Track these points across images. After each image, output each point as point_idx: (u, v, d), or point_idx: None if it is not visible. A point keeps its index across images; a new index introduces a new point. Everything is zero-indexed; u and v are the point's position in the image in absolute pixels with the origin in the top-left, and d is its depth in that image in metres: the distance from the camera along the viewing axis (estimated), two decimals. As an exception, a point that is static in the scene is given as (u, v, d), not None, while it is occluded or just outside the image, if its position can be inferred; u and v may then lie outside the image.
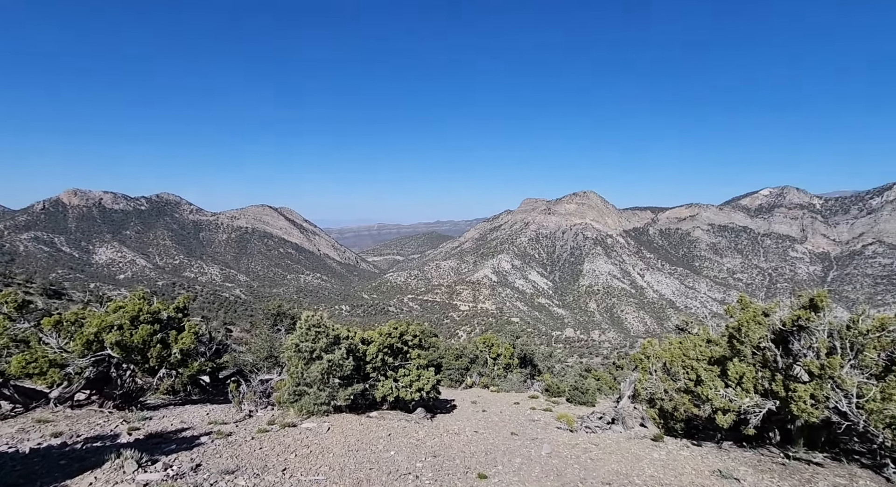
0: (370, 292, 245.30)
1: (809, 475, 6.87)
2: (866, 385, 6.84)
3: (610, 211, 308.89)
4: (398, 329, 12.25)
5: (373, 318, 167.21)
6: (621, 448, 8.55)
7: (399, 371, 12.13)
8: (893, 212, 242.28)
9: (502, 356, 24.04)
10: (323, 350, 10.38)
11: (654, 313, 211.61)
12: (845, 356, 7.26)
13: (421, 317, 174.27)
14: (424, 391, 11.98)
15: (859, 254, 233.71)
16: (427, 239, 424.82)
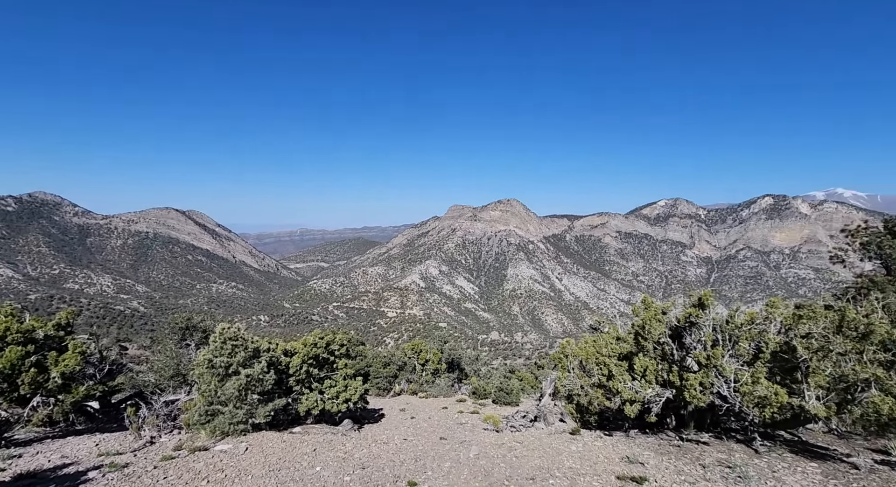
0: (292, 301, 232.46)
1: (698, 453, 7.82)
2: (740, 371, 7.98)
3: (531, 218, 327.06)
4: (324, 338, 11.78)
5: (295, 328, 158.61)
6: (543, 443, 9.03)
7: (325, 382, 11.66)
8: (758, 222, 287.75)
9: (430, 361, 24.16)
10: (241, 364, 9.64)
11: (571, 314, 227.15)
12: (725, 347, 8.41)
13: (347, 326, 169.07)
14: (352, 401, 11.64)
15: (734, 258, 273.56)
16: (354, 244, 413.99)
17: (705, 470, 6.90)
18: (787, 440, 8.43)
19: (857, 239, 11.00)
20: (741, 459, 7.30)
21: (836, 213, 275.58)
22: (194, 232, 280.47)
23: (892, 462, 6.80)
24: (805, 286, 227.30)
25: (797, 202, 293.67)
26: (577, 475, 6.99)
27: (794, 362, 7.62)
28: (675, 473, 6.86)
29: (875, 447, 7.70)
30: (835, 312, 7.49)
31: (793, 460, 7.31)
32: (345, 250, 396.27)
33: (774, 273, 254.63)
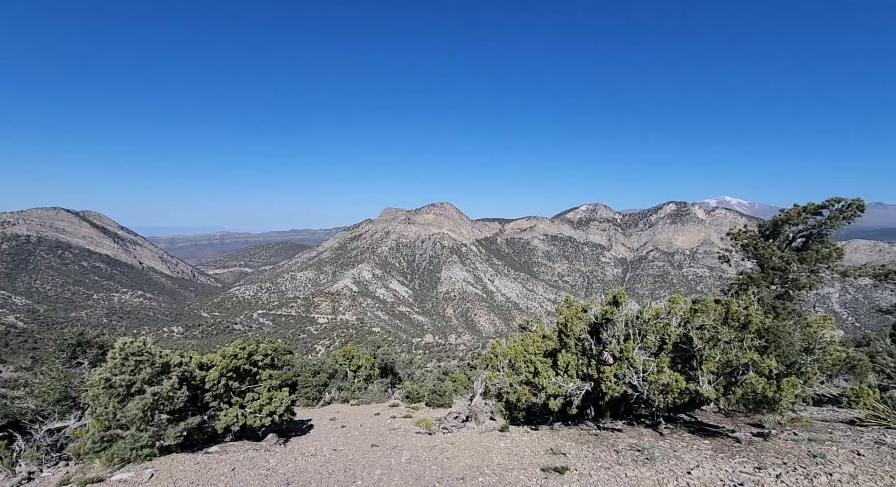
0: (211, 309, 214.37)
1: (613, 440, 8.48)
2: (648, 362, 8.79)
3: (464, 221, 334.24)
4: (246, 349, 11.01)
5: (214, 339, 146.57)
6: (474, 442, 9.22)
7: (247, 395, 10.90)
8: (664, 226, 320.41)
9: (363, 367, 23.62)
10: (146, 381, 8.68)
11: (503, 315, 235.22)
12: (636, 340, 9.22)
13: (274, 334, 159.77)
14: (277, 414, 11.00)
15: (644, 259, 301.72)
16: (281, 248, 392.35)
17: (619, 455, 7.49)
18: (686, 421, 9.44)
19: (739, 241, 12.77)
20: (648, 442, 8.03)
21: (724, 219, 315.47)
22: (91, 235, 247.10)
23: (766, 433, 7.89)
24: (702, 283, 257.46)
25: (695, 208, 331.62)
26: (505, 470, 7.23)
27: (691, 351, 8.57)
28: (593, 460, 7.36)
29: (753, 422, 8.89)
30: (722, 306, 8.56)
31: (690, 439, 8.19)
32: (271, 254, 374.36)
33: (678, 271, 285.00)
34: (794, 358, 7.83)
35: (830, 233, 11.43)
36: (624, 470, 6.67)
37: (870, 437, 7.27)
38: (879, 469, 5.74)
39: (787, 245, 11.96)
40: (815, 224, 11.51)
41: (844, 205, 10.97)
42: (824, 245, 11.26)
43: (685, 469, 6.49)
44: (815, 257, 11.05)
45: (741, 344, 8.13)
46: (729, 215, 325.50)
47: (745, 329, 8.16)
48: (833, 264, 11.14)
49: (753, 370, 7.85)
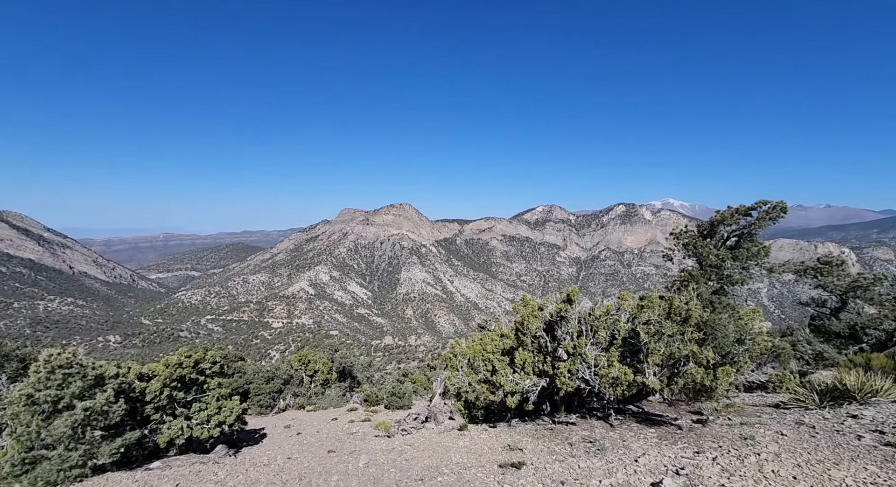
0: (153, 316, 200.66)
1: (568, 433, 8.78)
2: (599, 356, 9.17)
3: (424, 222, 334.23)
4: (192, 357, 10.41)
5: (157, 348, 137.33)
6: (433, 443, 9.23)
7: (193, 406, 10.31)
8: (615, 226, 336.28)
9: (320, 372, 23.01)
10: (76, 396, 7.99)
11: (462, 315, 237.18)
12: (588, 337, 9.59)
13: (224, 340, 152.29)
14: (227, 424, 10.50)
15: (597, 258, 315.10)
16: (232, 250, 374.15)
17: (573, 448, 7.77)
18: (634, 412, 9.93)
19: (681, 240, 13.69)
20: (600, 433, 8.38)
21: (669, 219, 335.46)
22: (10, 237, 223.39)
23: (704, 419, 8.46)
24: (649, 280, 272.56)
25: (642, 210, 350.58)
26: (463, 469, 7.29)
27: (639, 345, 9.03)
28: (548, 453, 7.58)
29: (693, 409, 9.51)
30: (665, 301, 9.09)
31: (638, 429, 8.64)
32: (220, 257, 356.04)
33: (627, 270, 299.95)
34: (728, 348, 8.46)
35: (759, 232, 12.55)
36: (577, 462, 6.92)
37: (792, 418, 7.99)
38: (798, 446, 6.32)
39: (722, 244, 12.98)
40: (746, 224, 12.60)
41: (770, 206, 12.06)
42: (754, 243, 12.33)
43: (633, 457, 6.83)
44: (746, 255, 12.09)
45: (682, 337, 8.68)
46: (673, 216, 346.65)
47: (686, 323, 8.72)
48: (761, 261, 12.23)
49: (693, 361, 8.40)
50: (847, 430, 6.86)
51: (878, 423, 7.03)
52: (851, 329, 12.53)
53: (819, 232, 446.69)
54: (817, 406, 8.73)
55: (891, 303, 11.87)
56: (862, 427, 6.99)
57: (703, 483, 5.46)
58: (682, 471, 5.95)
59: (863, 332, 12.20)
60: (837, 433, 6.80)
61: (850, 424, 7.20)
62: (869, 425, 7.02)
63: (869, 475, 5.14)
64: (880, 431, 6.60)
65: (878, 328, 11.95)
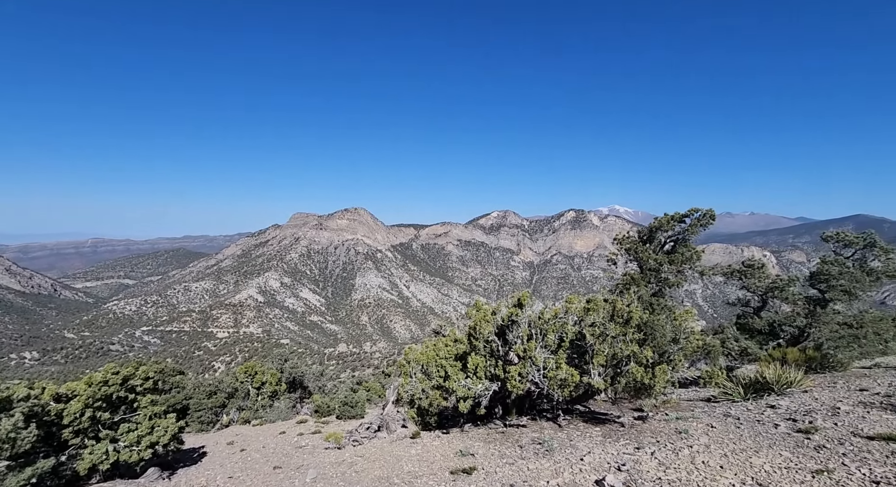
0: (79, 329, 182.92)
1: (518, 436, 8.93)
2: (548, 359, 9.43)
3: (379, 227, 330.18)
4: (120, 373, 9.57)
5: (84, 364, 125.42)
6: (384, 452, 9.06)
7: (121, 427, 9.47)
8: (566, 231, 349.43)
9: (268, 384, 21.97)
10: (-24, 423, 7.08)
11: (418, 320, 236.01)
12: (538, 340, 9.84)
13: (162, 353, 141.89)
14: (160, 445, 9.73)
15: (549, 262, 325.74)
16: (172, 257, 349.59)
17: (522, 450, 7.91)
18: (581, 412, 10.30)
19: (623, 246, 14.50)
20: (549, 434, 8.61)
21: (615, 225, 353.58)
22: None
23: (645, 416, 8.93)
24: (597, 283, 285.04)
25: (591, 215, 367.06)
26: (414, 477, 7.20)
27: (584, 347, 9.39)
28: (499, 457, 7.67)
29: (635, 406, 10.01)
30: (609, 304, 9.53)
31: (584, 428, 8.95)
32: (159, 263, 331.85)
33: (577, 273, 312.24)
34: (665, 348, 9.00)
35: (692, 237, 13.58)
36: (526, 464, 7.05)
37: (720, 411, 8.62)
38: (725, 437, 6.82)
39: (660, 248, 13.90)
40: (681, 230, 13.60)
41: (701, 214, 13.11)
42: (688, 248, 13.33)
43: (579, 456, 7.06)
44: (680, 259, 13.03)
45: (625, 338, 9.12)
46: (618, 222, 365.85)
47: (628, 324, 9.18)
48: (694, 265, 13.23)
49: (634, 361, 8.84)
50: (766, 420, 7.50)
51: (792, 412, 7.74)
52: (771, 326, 13.78)
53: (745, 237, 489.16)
54: (742, 398, 9.48)
55: (802, 302, 13.22)
56: (779, 416, 7.67)
57: (642, 477, 5.74)
58: (624, 467, 6.23)
59: (780, 329, 13.46)
60: (758, 423, 7.40)
61: (769, 414, 7.87)
62: (784, 414, 7.71)
63: (783, 460, 5.63)
64: (793, 419, 7.27)
65: (793, 324, 13.25)
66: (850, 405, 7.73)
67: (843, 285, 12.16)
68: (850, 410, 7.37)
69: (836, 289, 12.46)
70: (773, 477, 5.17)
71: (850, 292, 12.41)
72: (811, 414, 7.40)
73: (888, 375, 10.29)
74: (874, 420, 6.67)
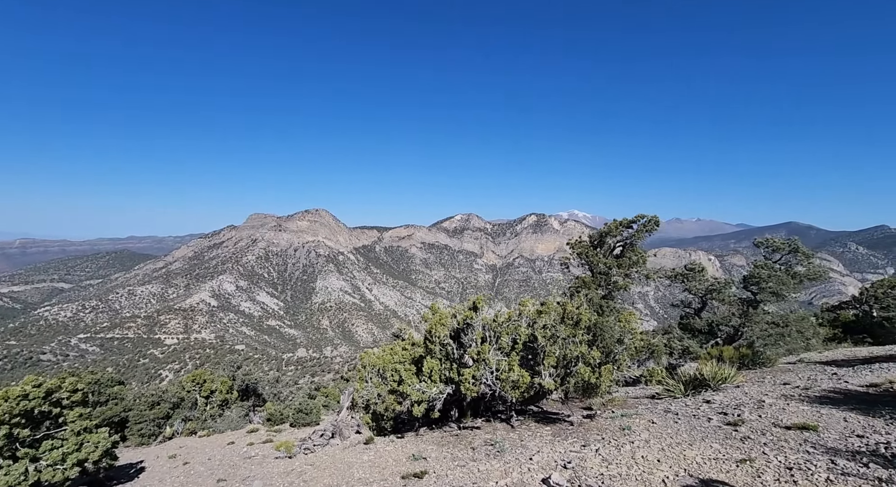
0: (4, 337, 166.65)
1: (472, 438, 9.01)
2: (501, 361, 9.58)
3: (341, 229, 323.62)
4: (42, 386, 8.81)
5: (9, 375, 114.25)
6: (336, 460, 8.86)
7: (44, 444, 8.71)
8: (527, 235, 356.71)
9: (217, 392, 20.96)
10: None
11: (381, 323, 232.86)
12: (492, 342, 9.98)
13: (102, 362, 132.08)
14: (90, 461, 9.03)
15: (511, 265, 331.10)
16: (114, 258, 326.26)
17: (475, 452, 7.98)
18: (534, 412, 10.52)
19: (576, 250, 15.05)
20: (501, 435, 8.73)
21: (574, 229, 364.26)
22: None
23: (593, 414, 9.26)
24: (557, 286, 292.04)
25: (551, 220, 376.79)
26: (365, 485, 7.09)
27: (537, 348, 9.61)
28: (451, 460, 7.70)
29: (585, 405, 10.36)
30: (560, 306, 9.82)
31: (535, 428, 9.16)
32: (99, 266, 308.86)
33: (539, 276, 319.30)
34: (611, 348, 9.38)
35: (639, 242, 14.31)
36: (477, 466, 7.12)
37: (662, 407, 9.08)
38: (664, 432, 7.20)
39: (609, 253, 14.54)
40: (628, 235, 14.30)
41: (647, 220, 13.84)
42: (635, 253, 14.03)
43: (528, 455, 7.21)
44: (628, 263, 13.69)
45: (574, 340, 9.43)
46: (577, 226, 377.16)
47: (578, 326, 9.50)
48: (641, 268, 13.94)
49: (583, 361, 9.16)
50: (701, 414, 7.97)
51: (724, 406, 8.28)
52: (710, 326, 14.72)
53: (692, 241, 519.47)
54: (683, 395, 10.04)
55: (737, 303, 14.23)
56: (712, 410, 8.17)
57: (586, 473, 5.94)
58: (570, 465, 6.42)
59: (718, 328, 14.41)
60: (694, 417, 7.86)
61: (705, 409, 8.38)
62: (717, 408, 8.24)
63: (713, 451, 6.01)
64: (724, 412, 7.78)
65: (729, 324, 14.23)
66: (774, 398, 8.37)
67: (772, 287, 13.18)
68: (773, 403, 7.98)
69: (765, 291, 13.49)
70: (704, 468, 5.50)
71: (777, 293, 13.48)
72: (740, 408, 7.94)
73: (808, 370, 11.23)
74: (792, 412, 7.26)
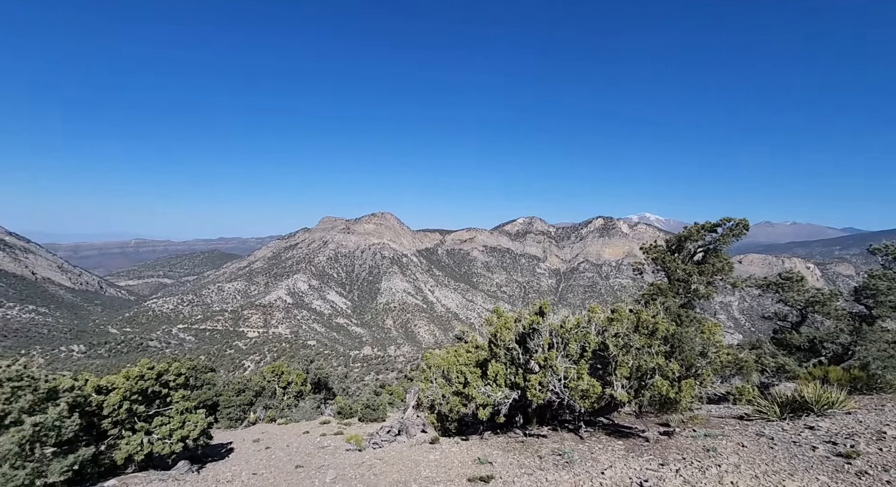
0: (121, 325, 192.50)
1: (538, 446, 8.80)
2: (569, 369, 9.26)
3: (405, 232, 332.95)
4: (155, 368, 10.05)
5: (125, 358, 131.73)
6: (403, 456, 9.11)
7: (155, 420, 9.92)
8: (593, 239, 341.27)
9: (293, 384, 22.49)
10: (26, 411, 7.59)
11: (442, 325, 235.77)
12: (559, 349, 9.69)
13: (196, 350, 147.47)
14: (191, 439, 10.12)
15: (576, 270, 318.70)
16: (207, 258, 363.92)
17: (542, 460, 7.78)
18: (604, 424, 10.04)
19: (650, 255, 14.11)
20: (569, 446, 8.44)
21: (645, 233, 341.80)
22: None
23: (671, 431, 8.63)
24: (625, 292, 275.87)
25: (620, 223, 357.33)
26: (431, 483, 7.21)
27: (608, 358, 9.18)
28: (517, 467, 7.58)
29: (660, 421, 9.68)
30: (634, 314, 9.29)
31: (607, 441, 8.73)
32: (195, 264, 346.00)
33: (605, 282, 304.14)
34: (693, 361, 8.68)
35: (724, 248, 13.06)
36: (545, 475, 6.94)
37: (753, 430, 8.22)
38: (757, 458, 6.51)
39: (689, 259, 13.43)
40: (711, 240, 13.10)
41: (734, 224, 12.59)
42: (719, 259, 12.81)
43: (600, 469, 6.89)
44: (711, 270, 12.54)
45: (650, 350, 8.86)
46: (649, 230, 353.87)
47: (654, 336, 8.92)
48: (725, 276, 12.70)
49: (659, 374, 8.57)
50: (803, 441, 7.10)
51: (833, 434, 7.30)
52: (811, 342, 13.05)
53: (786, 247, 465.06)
54: (778, 417, 9.01)
55: (847, 318, 12.46)
56: (817, 438, 7.25)
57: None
58: (647, 483, 6.04)
59: (821, 346, 12.72)
60: (794, 444, 7.02)
61: (807, 435, 7.45)
62: (824, 436, 7.28)
63: (820, 484, 5.33)
64: (833, 442, 6.86)
65: (836, 341, 12.50)
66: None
67: (892, 301, 11.39)
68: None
69: (884, 305, 11.69)
70: (807, 503, 4.90)
71: (899, 308, 11.63)
72: (853, 438, 6.96)
73: (943, 399, 9.56)
74: (924, 447, 6.22)
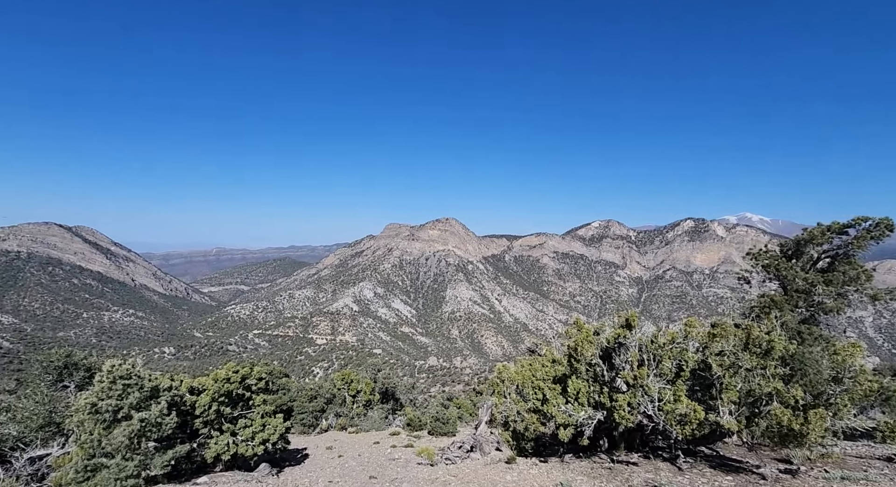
0: (205, 329, 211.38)
1: (628, 474, 7.92)
2: (663, 389, 8.30)
3: (470, 238, 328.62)
4: (239, 372, 10.55)
5: (207, 361, 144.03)
6: (478, 475, 8.65)
7: (239, 422, 10.38)
8: (682, 243, 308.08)
9: (362, 392, 22.91)
10: (134, 406, 8.23)
11: (511, 336, 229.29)
12: (650, 367, 8.75)
13: (270, 356, 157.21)
14: (270, 442, 10.46)
15: (661, 278, 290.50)
16: (279, 265, 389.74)
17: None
18: (707, 455, 8.87)
19: (760, 261, 12.35)
20: (666, 477, 7.48)
21: (746, 236, 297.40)
22: (83, 251, 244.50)
23: (794, 470, 7.34)
24: (723, 304, 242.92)
25: (714, 225, 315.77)
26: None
27: (710, 379, 8.09)
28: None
29: (780, 456, 8.33)
30: (742, 330, 8.13)
31: (711, 475, 7.64)
32: (268, 271, 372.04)
33: (697, 292, 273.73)
34: (822, 387, 7.36)
35: (858, 253, 11.01)
36: (645, 511, 6.14)
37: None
38: (929, 514, 5.22)
39: (811, 266, 11.51)
40: (841, 244, 11.10)
41: (872, 224, 10.58)
42: (851, 266, 10.80)
43: (712, 510, 5.96)
44: (841, 279, 10.59)
45: (764, 372, 7.67)
46: (751, 233, 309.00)
47: (768, 355, 7.72)
48: (861, 286, 10.68)
49: (778, 400, 7.37)
50: None
51: None
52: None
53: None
54: (938, 461, 7.35)
55: None
56: None
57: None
58: (777, 534, 5.07)
59: None
60: (975, 499, 5.59)
61: None
62: None
63: None
64: None
65: None
66: None
67: None
68: None
69: None
70: None
71: None
72: None
73: None
74: None
